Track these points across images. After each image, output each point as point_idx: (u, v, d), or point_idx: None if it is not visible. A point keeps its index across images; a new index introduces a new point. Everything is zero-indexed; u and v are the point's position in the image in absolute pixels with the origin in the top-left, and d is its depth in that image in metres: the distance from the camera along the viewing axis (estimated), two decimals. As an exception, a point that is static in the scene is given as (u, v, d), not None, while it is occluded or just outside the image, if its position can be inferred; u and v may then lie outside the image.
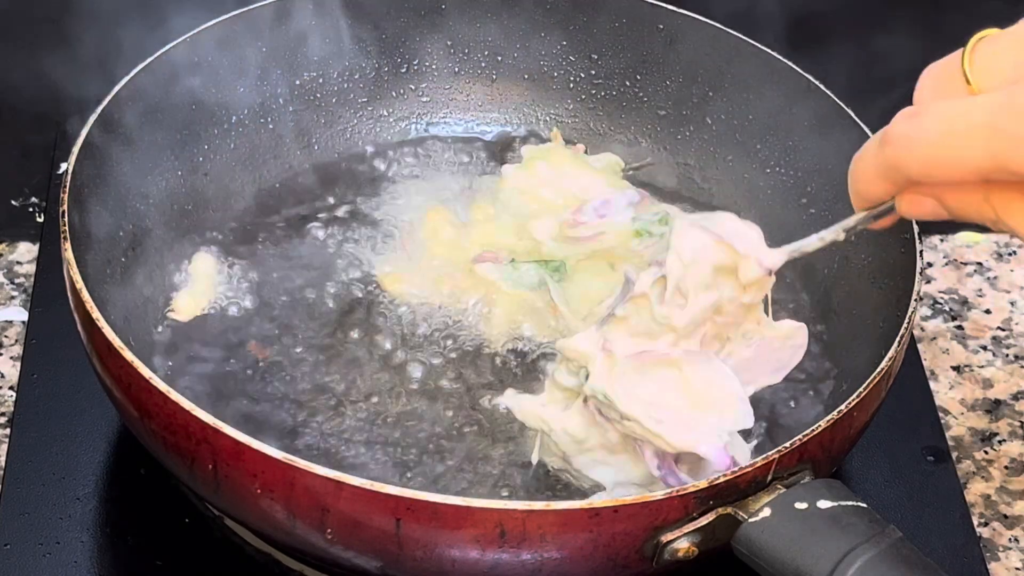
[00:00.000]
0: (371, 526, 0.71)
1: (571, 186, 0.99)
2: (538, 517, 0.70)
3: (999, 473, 0.94)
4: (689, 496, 0.71)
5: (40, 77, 0.98)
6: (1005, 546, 0.90)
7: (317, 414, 0.86)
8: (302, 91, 1.01)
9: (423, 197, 1.00)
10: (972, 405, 0.98)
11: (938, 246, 1.08)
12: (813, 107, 0.95)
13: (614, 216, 0.98)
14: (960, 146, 0.59)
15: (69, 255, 0.80)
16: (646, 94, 1.03)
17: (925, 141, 0.60)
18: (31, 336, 0.96)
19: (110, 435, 0.90)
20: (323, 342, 0.90)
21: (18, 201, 1.06)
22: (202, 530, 0.85)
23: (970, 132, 0.58)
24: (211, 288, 0.92)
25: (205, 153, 0.97)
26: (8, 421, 0.92)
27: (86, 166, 0.86)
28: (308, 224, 0.97)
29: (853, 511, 0.71)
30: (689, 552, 0.73)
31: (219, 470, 0.73)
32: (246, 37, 0.97)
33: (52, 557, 0.84)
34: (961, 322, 1.03)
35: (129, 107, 0.90)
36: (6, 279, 1.01)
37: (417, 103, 1.05)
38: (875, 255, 0.90)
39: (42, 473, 0.88)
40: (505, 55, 1.05)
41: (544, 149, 1.02)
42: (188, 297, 0.91)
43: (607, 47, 1.03)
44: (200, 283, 0.92)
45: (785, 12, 1.03)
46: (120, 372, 0.76)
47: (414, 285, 0.93)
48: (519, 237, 0.96)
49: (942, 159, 0.60)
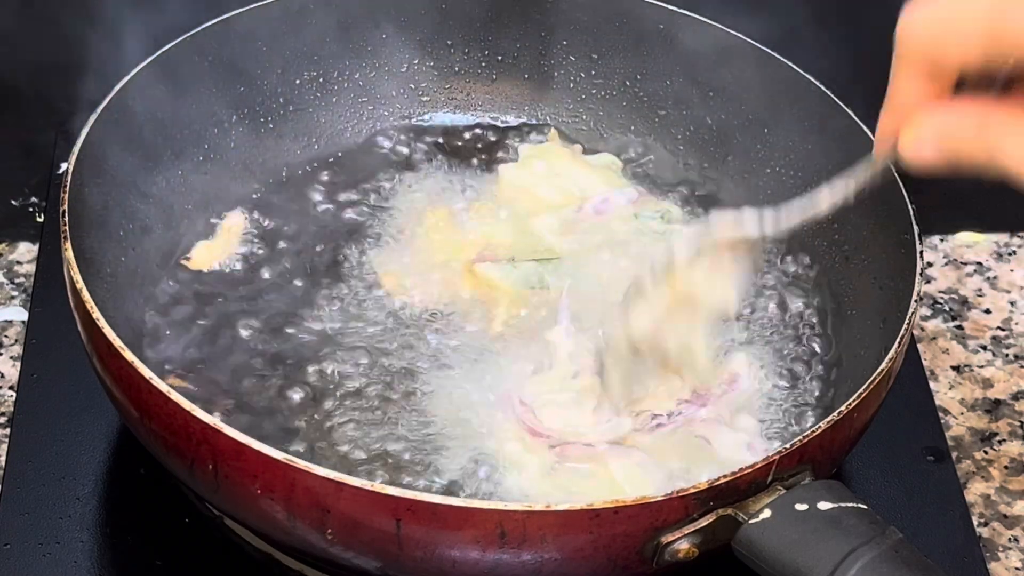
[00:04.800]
0: (371, 527, 0.71)
1: (570, 185, 1.00)
2: (538, 518, 0.70)
3: (999, 473, 0.94)
4: (689, 497, 0.71)
5: (40, 77, 0.98)
6: (1005, 546, 0.90)
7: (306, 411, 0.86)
8: (302, 90, 1.01)
9: (423, 196, 1.00)
10: (972, 405, 0.98)
11: (938, 246, 1.08)
12: (813, 107, 0.95)
13: (614, 214, 0.98)
14: (963, 20, 0.60)
15: (69, 255, 0.80)
16: (646, 94, 1.03)
17: (930, 15, 0.62)
18: (31, 336, 0.96)
19: (110, 435, 0.90)
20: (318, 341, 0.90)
21: (18, 201, 1.06)
22: (202, 530, 0.85)
23: (973, 8, 0.60)
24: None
25: (205, 152, 0.97)
26: (8, 421, 0.92)
27: (86, 166, 0.86)
28: (307, 224, 0.97)
29: (853, 512, 0.71)
30: (689, 553, 0.73)
31: (219, 470, 0.73)
32: (246, 36, 0.97)
33: (52, 557, 0.84)
34: (961, 322, 1.03)
35: (129, 107, 0.90)
36: (6, 279, 1.01)
37: (417, 103, 1.05)
38: (875, 255, 0.90)
39: (42, 473, 0.88)
40: (505, 55, 1.05)
41: (542, 148, 1.02)
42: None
43: (607, 47, 1.03)
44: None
45: (785, 11, 1.03)
46: (120, 372, 0.76)
47: (414, 284, 0.93)
48: (518, 236, 0.96)
49: (944, 32, 0.61)
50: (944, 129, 0.63)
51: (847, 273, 0.93)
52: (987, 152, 0.62)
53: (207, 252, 0.94)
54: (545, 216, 0.98)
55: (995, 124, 0.62)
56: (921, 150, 0.64)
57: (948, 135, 0.63)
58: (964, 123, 0.63)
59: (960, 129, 0.63)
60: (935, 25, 0.62)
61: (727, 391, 0.86)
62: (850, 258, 0.93)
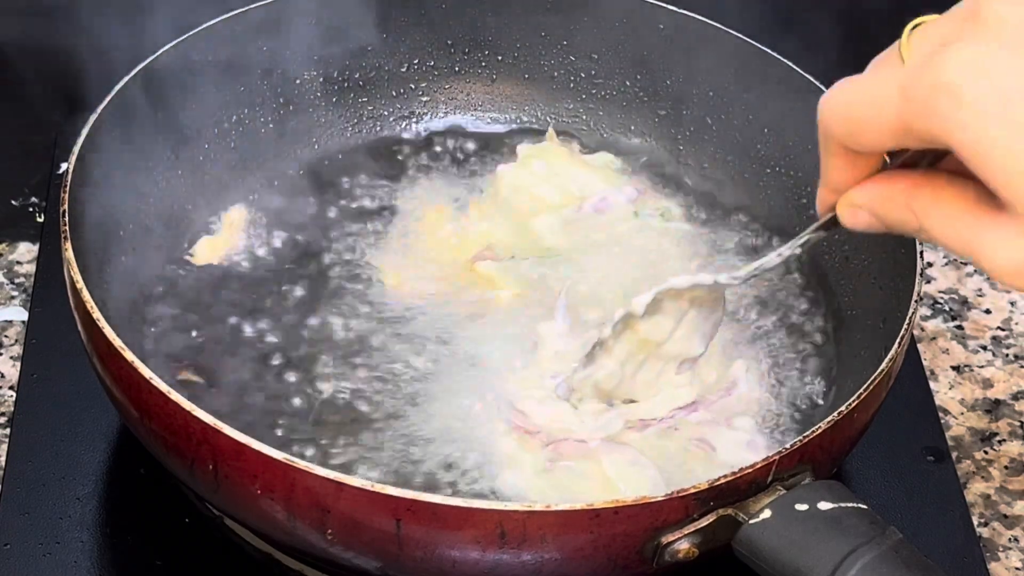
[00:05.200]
0: (371, 527, 0.71)
1: (569, 184, 1.00)
2: (538, 518, 0.70)
3: (999, 473, 0.94)
4: (690, 497, 0.71)
5: (41, 77, 0.98)
6: (1005, 546, 0.90)
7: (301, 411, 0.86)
8: (302, 90, 1.01)
9: (423, 196, 1.00)
10: (972, 405, 0.98)
11: (938, 246, 1.08)
12: (814, 108, 0.95)
13: (613, 213, 0.98)
14: (876, 105, 0.62)
15: (69, 255, 0.79)
16: (646, 94, 1.03)
17: (847, 100, 0.64)
18: (31, 336, 0.96)
19: (110, 435, 0.90)
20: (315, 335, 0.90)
21: (18, 201, 1.06)
22: (202, 530, 0.85)
23: (884, 94, 0.62)
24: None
25: (205, 153, 0.97)
26: (8, 421, 0.92)
27: (86, 166, 0.86)
28: (307, 224, 0.97)
29: (854, 512, 0.71)
30: (689, 553, 0.73)
31: (219, 470, 0.73)
32: (246, 37, 0.97)
33: (52, 557, 0.84)
34: (961, 322, 1.03)
35: (129, 107, 0.90)
36: (6, 279, 1.01)
37: (417, 103, 1.05)
38: (876, 255, 0.90)
39: (42, 473, 0.88)
40: (505, 55, 1.05)
41: (540, 148, 1.02)
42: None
43: (607, 47, 1.03)
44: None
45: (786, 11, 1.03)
46: (120, 372, 0.76)
47: (414, 283, 0.93)
48: (518, 235, 0.97)
49: (860, 118, 0.63)
50: (875, 203, 0.66)
51: (847, 273, 0.93)
52: (916, 223, 0.65)
53: (210, 247, 0.94)
54: (545, 215, 0.98)
55: (921, 199, 0.64)
56: (857, 220, 0.68)
57: (879, 208, 0.66)
58: (894, 197, 0.65)
59: (890, 202, 0.66)
60: (849, 112, 0.64)
61: (724, 396, 0.87)
62: (850, 258, 0.93)
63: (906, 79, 0.61)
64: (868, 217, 0.67)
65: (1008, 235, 0.61)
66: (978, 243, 0.62)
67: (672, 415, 0.85)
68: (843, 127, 0.64)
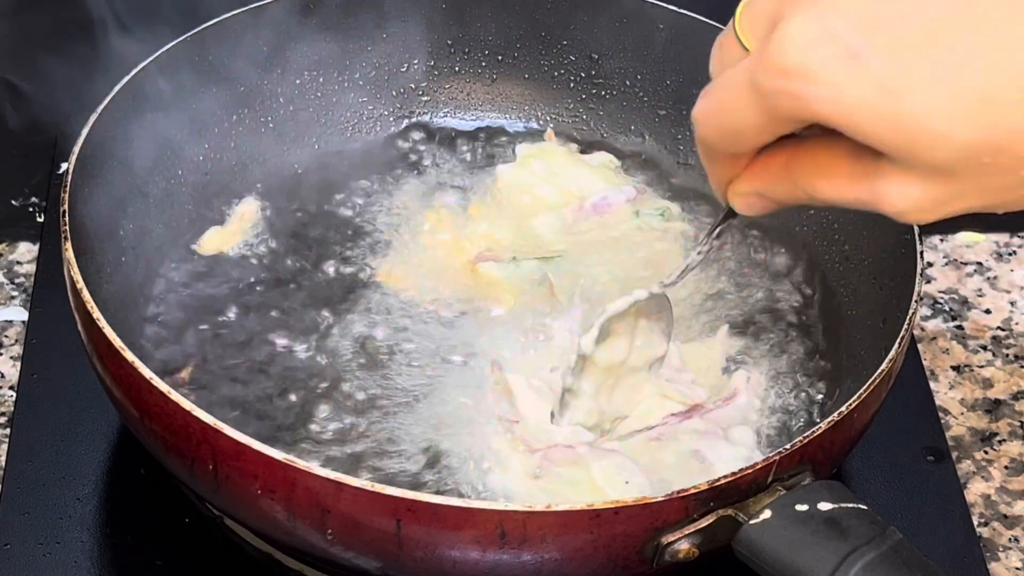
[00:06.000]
0: (371, 527, 0.71)
1: (568, 184, 1.00)
2: (539, 518, 0.70)
3: (999, 473, 0.94)
4: (690, 498, 0.71)
5: (41, 77, 0.98)
6: (1005, 546, 0.90)
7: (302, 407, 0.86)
8: (302, 90, 1.01)
9: (423, 196, 1.00)
10: (972, 405, 0.98)
11: (938, 246, 1.08)
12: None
13: (613, 212, 0.98)
14: (737, 110, 0.62)
15: (69, 255, 0.80)
16: (646, 94, 1.03)
17: (711, 114, 0.64)
18: (31, 336, 0.96)
19: (110, 435, 0.90)
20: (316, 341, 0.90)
21: (18, 201, 1.06)
22: (202, 530, 0.85)
23: (739, 97, 0.62)
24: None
25: (205, 152, 0.97)
26: (8, 421, 0.92)
27: (86, 166, 0.86)
28: (306, 224, 0.97)
29: (854, 513, 0.71)
30: (689, 554, 0.73)
31: (219, 471, 0.73)
32: (246, 36, 0.97)
33: (52, 557, 0.84)
34: (961, 322, 1.03)
35: (129, 107, 0.90)
36: (6, 279, 1.01)
37: (417, 102, 1.05)
38: (875, 255, 0.90)
39: (42, 473, 0.88)
40: (505, 55, 1.05)
41: (539, 148, 1.02)
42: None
43: (607, 47, 1.03)
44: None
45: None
46: (120, 372, 0.76)
47: (413, 283, 0.93)
48: (518, 235, 0.97)
49: (730, 127, 0.64)
50: (760, 186, 0.67)
51: (847, 273, 0.93)
52: (804, 193, 0.65)
53: (217, 238, 0.94)
54: (545, 215, 0.98)
55: (801, 171, 0.65)
56: (750, 207, 0.68)
57: (766, 191, 0.67)
58: (776, 177, 0.66)
59: (774, 183, 0.66)
60: (719, 124, 0.64)
61: (722, 406, 0.87)
62: (850, 258, 0.93)
63: (753, 74, 0.61)
64: (760, 204, 0.68)
65: (896, 180, 0.61)
66: (870, 195, 0.62)
67: (665, 421, 0.85)
68: (720, 140, 0.65)
